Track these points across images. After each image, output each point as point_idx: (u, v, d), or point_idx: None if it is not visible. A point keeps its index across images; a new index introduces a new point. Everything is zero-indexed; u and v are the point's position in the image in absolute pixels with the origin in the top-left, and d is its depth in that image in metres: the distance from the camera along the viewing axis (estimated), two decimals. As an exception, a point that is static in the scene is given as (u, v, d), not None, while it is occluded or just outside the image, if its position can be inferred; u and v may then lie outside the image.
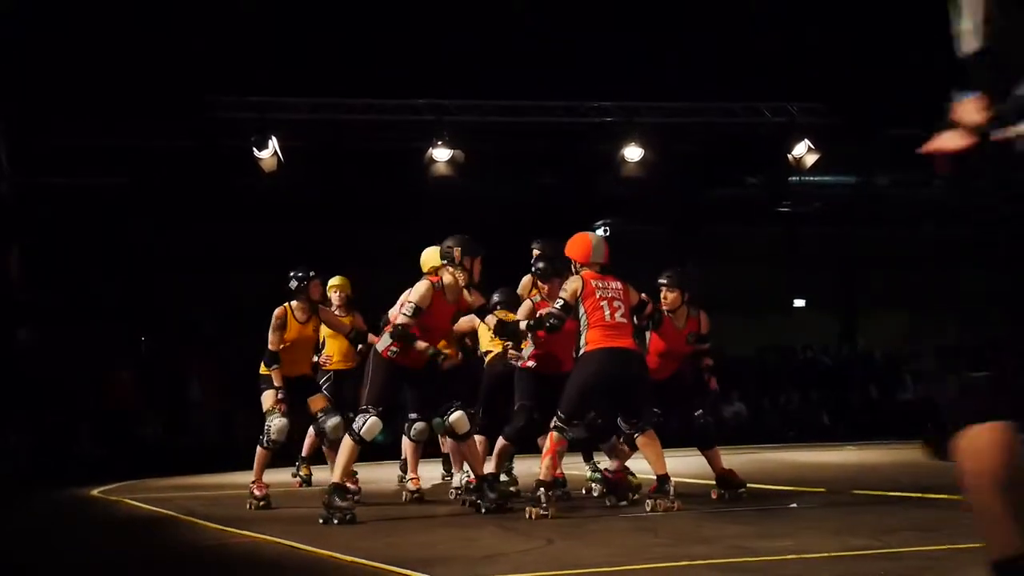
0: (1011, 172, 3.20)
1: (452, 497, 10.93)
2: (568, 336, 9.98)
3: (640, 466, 10.61)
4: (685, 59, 20.16)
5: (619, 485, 10.09)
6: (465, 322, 10.51)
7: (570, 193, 23.67)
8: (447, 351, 10.75)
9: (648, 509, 9.14)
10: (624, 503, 9.86)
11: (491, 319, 9.79)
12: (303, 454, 13.22)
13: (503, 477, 10.48)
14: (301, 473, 13.27)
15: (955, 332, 3.41)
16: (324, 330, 11.97)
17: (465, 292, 9.68)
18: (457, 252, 9.60)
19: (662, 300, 10.12)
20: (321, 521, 9.16)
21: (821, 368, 26.50)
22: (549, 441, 9.17)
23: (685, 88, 20.66)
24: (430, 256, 10.83)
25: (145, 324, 23.07)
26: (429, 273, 9.80)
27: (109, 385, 20.73)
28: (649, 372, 9.56)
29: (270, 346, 10.97)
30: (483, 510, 9.49)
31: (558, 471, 9.95)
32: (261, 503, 10.81)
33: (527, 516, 8.89)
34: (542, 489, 8.98)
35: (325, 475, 12.61)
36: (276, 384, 10.90)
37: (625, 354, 9.18)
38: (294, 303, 11.10)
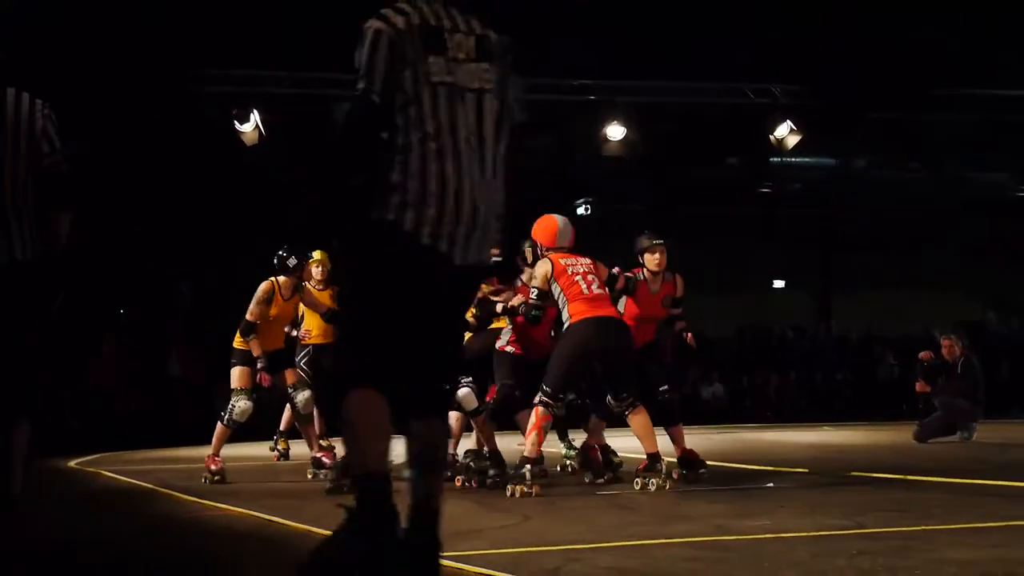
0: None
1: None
2: (545, 323, 10.00)
3: (624, 444, 10.65)
4: (668, 38, 20.15)
5: (595, 462, 10.09)
6: None
7: (550, 172, 23.65)
8: None
9: (638, 488, 9.11)
10: (601, 480, 9.85)
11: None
12: (281, 428, 13.22)
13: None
14: (279, 447, 13.28)
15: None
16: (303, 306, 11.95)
17: None
18: None
19: (651, 262, 10.01)
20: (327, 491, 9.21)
21: (798, 349, 26.59)
22: (534, 417, 9.04)
23: (668, 67, 20.65)
24: None
25: (126, 298, 23.00)
26: None
27: (91, 360, 20.69)
28: (633, 342, 9.50)
29: (250, 317, 10.93)
30: (487, 483, 9.48)
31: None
32: (216, 478, 10.78)
33: (509, 493, 8.81)
34: (528, 466, 8.87)
35: (303, 449, 12.66)
36: (256, 354, 10.87)
37: (609, 322, 9.11)
38: (282, 279, 11.06)
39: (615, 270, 9.73)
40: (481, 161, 4.70)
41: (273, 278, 11.09)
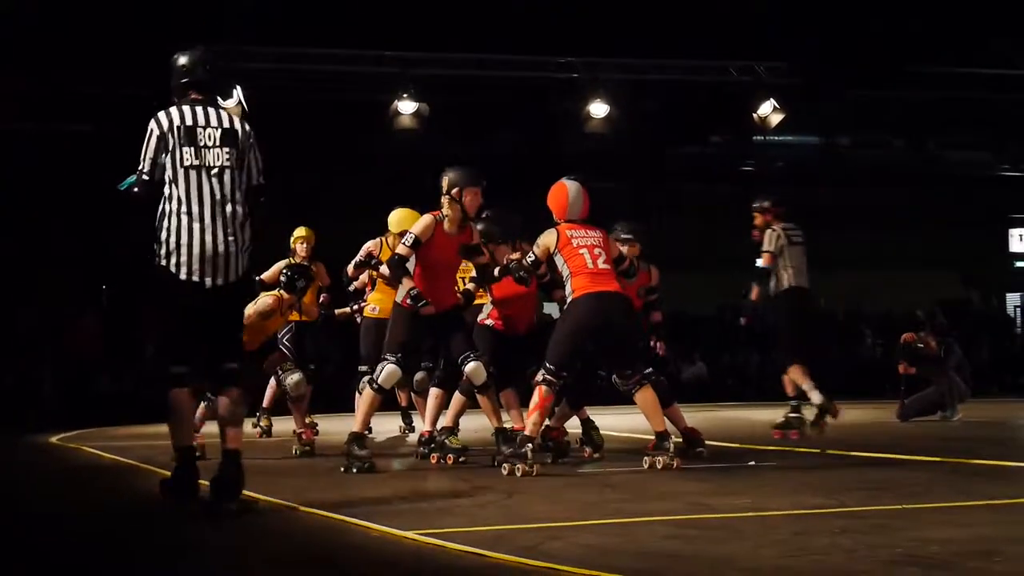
0: None
1: (416, 457, 10.90)
2: (528, 298, 9.97)
3: (616, 423, 10.64)
4: (652, 16, 20.10)
5: (558, 443, 10.08)
6: None
7: (534, 149, 23.62)
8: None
9: (646, 466, 9.06)
10: (563, 460, 9.83)
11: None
12: (264, 405, 13.22)
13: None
14: (262, 424, 13.26)
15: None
16: None
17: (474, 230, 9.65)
18: (456, 190, 9.41)
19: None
20: (342, 469, 9.17)
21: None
22: (537, 396, 8.89)
23: (652, 45, 20.60)
24: (400, 217, 10.87)
25: (108, 272, 22.94)
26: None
27: (71, 333, 20.65)
28: (636, 317, 9.44)
29: (245, 321, 11.03)
30: (496, 462, 9.31)
31: (518, 425, 9.89)
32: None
33: (507, 472, 8.70)
34: (529, 445, 8.75)
35: (284, 426, 12.68)
36: None
37: (612, 297, 8.97)
38: (286, 296, 11.16)
39: (622, 251, 9.67)
40: (223, 216, 6.96)
41: (280, 293, 11.19)
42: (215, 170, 6.95)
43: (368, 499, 7.66)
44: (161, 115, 7.00)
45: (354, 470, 9.15)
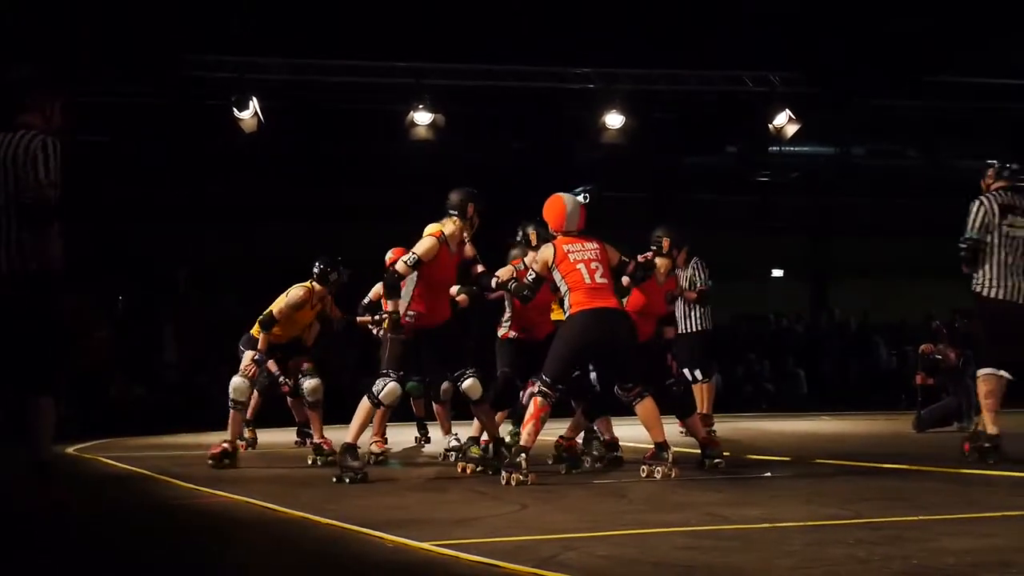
0: None
1: (440, 460, 11.05)
2: (543, 306, 10.01)
3: (625, 433, 10.65)
4: (667, 26, 20.11)
5: (572, 453, 10.10)
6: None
7: (548, 159, 23.61)
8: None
9: (644, 475, 9.11)
10: (576, 471, 9.85)
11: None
12: (247, 416, 13.17)
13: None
14: (246, 436, 13.19)
15: None
16: None
17: (468, 245, 9.70)
18: (471, 207, 9.57)
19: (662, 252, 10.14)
20: (334, 480, 9.18)
21: (795, 338, 26.56)
22: (532, 407, 8.96)
23: (666, 56, 20.61)
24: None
25: (121, 282, 22.97)
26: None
27: (85, 343, 20.66)
28: (636, 333, 9.47)
29: (277, 314, 11.18)
30: (501, 471, 9.35)
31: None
32: (225, 461, 10.84)
33: (504, 482, 8.76)
34: (523, 455, 8.82)
35: (268, 438, 12.76)
36: (260, 348, 11.06)
37: (609, 314, 9.02)
38: (317, 287, 11.33)
39: (622, 256, 9.63)
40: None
41: (312, 284, 11.32)
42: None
43: (383, 509, 7.67)
44: None
45: (347, 480, 9.18)
